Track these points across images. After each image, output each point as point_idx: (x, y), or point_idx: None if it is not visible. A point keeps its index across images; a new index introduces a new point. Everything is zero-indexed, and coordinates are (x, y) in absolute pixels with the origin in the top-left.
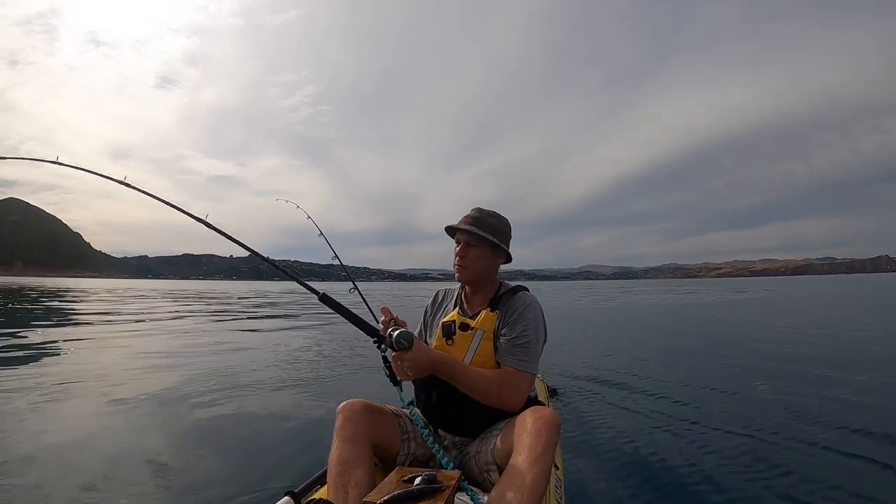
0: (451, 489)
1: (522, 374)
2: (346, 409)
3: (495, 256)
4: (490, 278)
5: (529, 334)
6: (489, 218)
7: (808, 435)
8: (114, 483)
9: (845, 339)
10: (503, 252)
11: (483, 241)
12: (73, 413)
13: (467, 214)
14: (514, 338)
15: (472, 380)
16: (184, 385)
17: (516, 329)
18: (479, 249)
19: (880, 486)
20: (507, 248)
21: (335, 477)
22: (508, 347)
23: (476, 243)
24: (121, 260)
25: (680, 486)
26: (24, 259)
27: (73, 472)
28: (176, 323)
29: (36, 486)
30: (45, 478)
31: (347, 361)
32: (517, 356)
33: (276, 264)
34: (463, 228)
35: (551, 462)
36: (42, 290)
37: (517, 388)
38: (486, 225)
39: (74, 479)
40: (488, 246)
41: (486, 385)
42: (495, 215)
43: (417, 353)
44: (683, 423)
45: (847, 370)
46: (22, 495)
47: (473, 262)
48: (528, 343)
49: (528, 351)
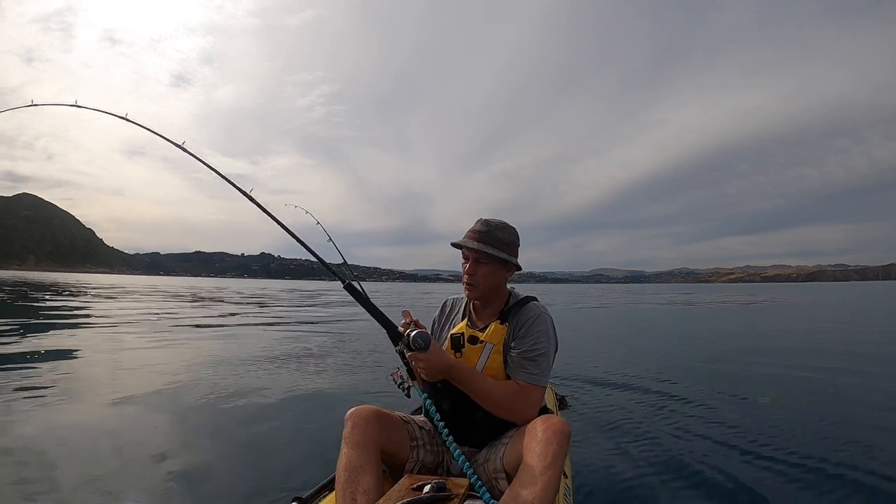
0: (460, 497)
1: (534, 388)
2: (354, 416)
3: (505, 270)
4: (499, 291)
5: (540, 347)
6: (497, 231)
7: (827, 452)
8: (119, 486)
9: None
10: (513, 266)
11: (492, 258)
12: (79, 412)
13: (473, 228)
14: (525, 351)
15: (485, 389)
16: (190, 388)
17: (527, 342)
18: (489, 266)
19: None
20: (516, 259)
21: (343, 483)
22: (519, 361)
23: (485, 261)
24: (132, 256)
25: (689, 499)
26: (38, 254)
27: (76, 473)
28: (185, 323)
29: (40, 485)
30: (48, 476)
31: (356, 367)
32: (528, 369)
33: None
34: (471, 247)
35: (561, 471)
36: (55, 286)
37: (529, 401)
38: (494, 240)
39: (78, 480)
40: (498, 262)
41: (499, 396)
42: (503, 227)
43: (433, 356)
44: (695, 434)
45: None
46: (27, 495)
47: (484, 279)
48: (538, 356)
49: (538, 364)
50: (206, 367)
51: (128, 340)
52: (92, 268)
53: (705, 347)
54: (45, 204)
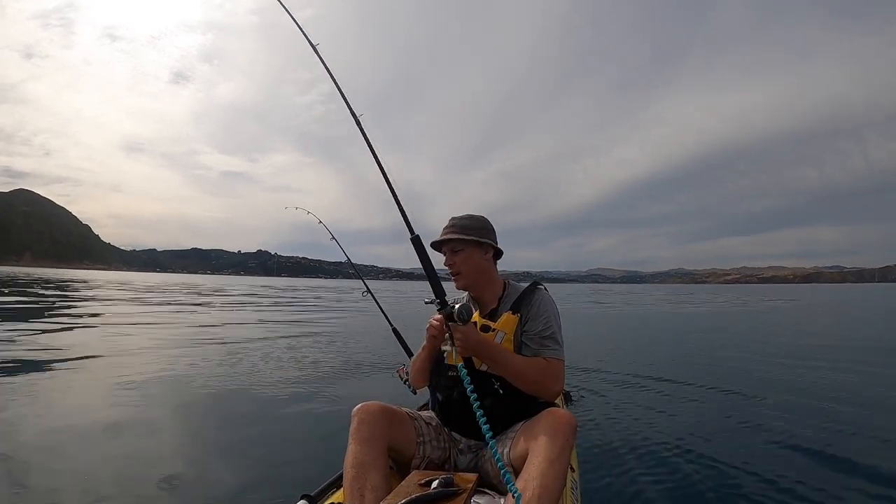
0: (468, 492)
1: (559, 362)
2: (361, 412)
3: (482, 252)
4: (488, 275)
5: (553, 325)
6: (464, 220)
7: (831, 446)
8: (125, 482)
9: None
10: (488, 246)
11: (465, 243)
12: (83, 406)
13: (444, 226)
14: (541, 330)
15: (516, 363)
16: (196, 384)
17: (539, 322)
18: (464, 252)
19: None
20: (491, 241)
21: (351, 480)
22: (538, 340)
23: (459, 247)
24: (129, 253)
25: (696, 493)
26: (35, 251)
27: (80, 470)
28: (187, 316)
29: (46, 483)
30: (50, 476)
31: (363, 363)
32: (549, 346)
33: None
34: (443, 239)
35: (567, 464)
36: (50, 282)
37: (556, 375)
38: (462, 227)
39: (81, 477)
40: (471, 245)
41: (531, 370)
42: (470, 216)
43: (471, 330)
44: (700, 429)
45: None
46: (33, 493)
47: (463, 264)
48: (553, 333)
49: (556, 340)
50: (210, 364)
51: (127, 339)
52: (89, 264)
53: (706, 347)
54: (42, 200)
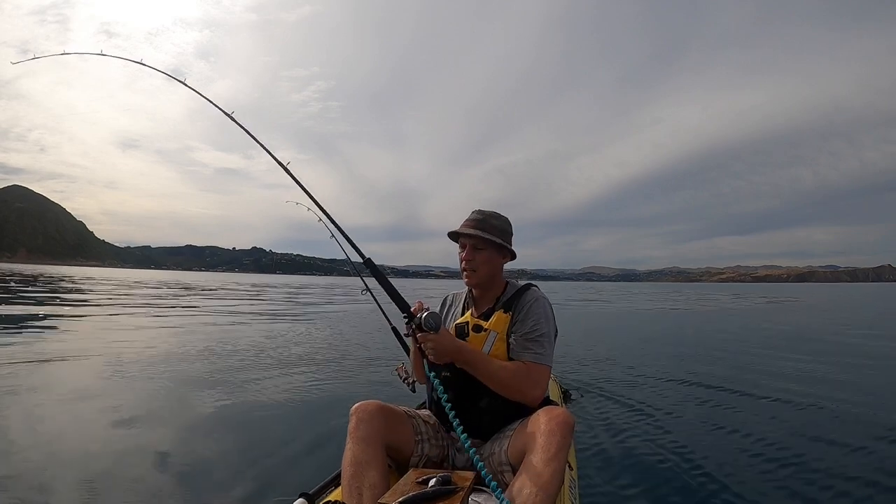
0: (465, 490)
1: (540, 367)
2: (359, 410)
3: (501, 257)
4: (496, 279)
5: (541, 327)
6: (492, 219)
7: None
8: (122, 482)
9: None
10: (508, 251)
11: (488, 244)
12: (80, 404)
13: (469, 218)
14: (527, 332)
15: (492, 369)
16: (193, 383)
17: (527, 324)
18: (486, 252)
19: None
20: (510, 246)
21: (349, 478)
22: (522, 342)
23: (482, 246)
24: (124, 249)
25: (693, 491)
26: (29, 247)
27: (78, 468)
28: (183, 315)
29: (42, 483)
30: (50, 474)
31: (360, 362)
32: (532, 349)
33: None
34: (468, 233)
35: (565, 462)
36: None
37: (536, 380)
38: (489, 227)
39: (80, 476)
40: (494, 248)
41: (506, 375)
42: (497, 216)
43: (443, 337)
44: (698, 428)
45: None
46: (29, 493)
47: (481, 265)
48: (540, 336)
49: (541, 344)
50: (209, 363)
51: (127, 336)
52: (83, 261)
53: (705, 346)
54: (36, 196)
